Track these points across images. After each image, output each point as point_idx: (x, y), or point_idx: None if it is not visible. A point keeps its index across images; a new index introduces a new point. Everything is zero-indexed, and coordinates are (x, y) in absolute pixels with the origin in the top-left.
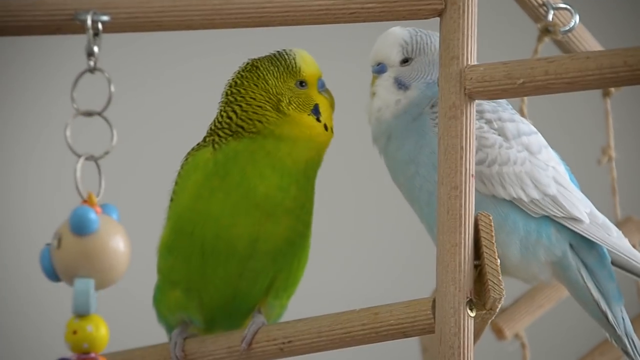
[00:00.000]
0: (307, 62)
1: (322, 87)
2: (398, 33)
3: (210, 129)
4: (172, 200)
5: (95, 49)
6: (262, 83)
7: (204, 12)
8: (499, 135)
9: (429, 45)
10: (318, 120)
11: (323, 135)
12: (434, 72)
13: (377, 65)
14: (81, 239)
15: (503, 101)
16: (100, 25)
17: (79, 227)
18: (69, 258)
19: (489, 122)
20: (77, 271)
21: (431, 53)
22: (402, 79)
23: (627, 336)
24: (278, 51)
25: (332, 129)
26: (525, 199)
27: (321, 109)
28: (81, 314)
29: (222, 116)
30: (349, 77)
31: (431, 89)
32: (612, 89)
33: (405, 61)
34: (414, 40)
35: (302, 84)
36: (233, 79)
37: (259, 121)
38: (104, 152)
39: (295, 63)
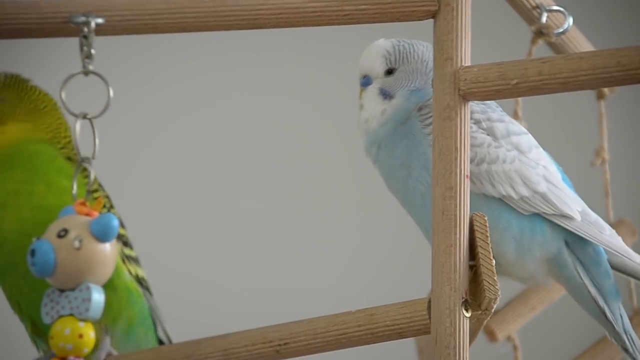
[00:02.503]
0: None
1: None
2: (381, 45)
3: None
4: None
5: (92, 51)
6: None
7: (198, 14)
8: (488, 134)
9: (412, 54)
10: None
11: None
12: (417, 79)
13: (363, 78)
14: (101, 244)
15: (493, 103)
16: (92, 28)
17: (106, 234)
18: (88, 261)
19: (477, 122)
20: (88, 275)
21: (414, 61)
22: (387, 89)
23: (625, 333)
24: None
25: None
26: (514, 196)
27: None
28: (94, 319)
29: None
30: (347, 80)
31: (415, 95)
32: (606, 91)
33: (389, 72)
34: (397, 51)
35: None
36: None
37: None
38: (90, 156)
39: None
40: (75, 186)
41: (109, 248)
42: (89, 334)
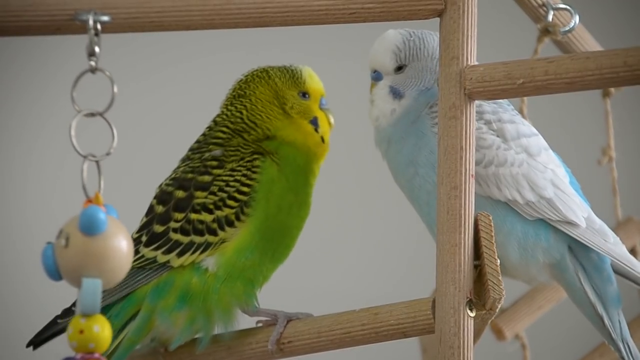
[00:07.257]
0: (313, 78)
1: (323, 106)
2: (392, 39)
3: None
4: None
5: (96, 49)
6: (272, 83)
7: (204, 12)
8: (498, 136)
9: (422, 50)
10: (316, 130)
11: (320, 145)
12: (427, 78)
13: (374, 72)
14: (90, 238)
15: (504, 102)
16: (99, 26)
17: (90, 227)
18: (77, 258)
19: (488, 123)
20: (84, 271)
21: (424, 58)
22: (397, 88)
23: (622, 341)
24: (286, 65)
25: (327, 144)
26: (520, 200)
27: (320, 123)
28: (89, 313)
29: (228, 115)
30: (353, 76)
31: (424, 95)
32: (612, 90)
33: (399, 68)
34: (407, 47)
35: (304, 95)
36: (241, 79)
37: (268, 117)
38: (104, 153)
39: (301, 75)
40: (103, 184)
41: (104, 240)
42: (92, 328)
